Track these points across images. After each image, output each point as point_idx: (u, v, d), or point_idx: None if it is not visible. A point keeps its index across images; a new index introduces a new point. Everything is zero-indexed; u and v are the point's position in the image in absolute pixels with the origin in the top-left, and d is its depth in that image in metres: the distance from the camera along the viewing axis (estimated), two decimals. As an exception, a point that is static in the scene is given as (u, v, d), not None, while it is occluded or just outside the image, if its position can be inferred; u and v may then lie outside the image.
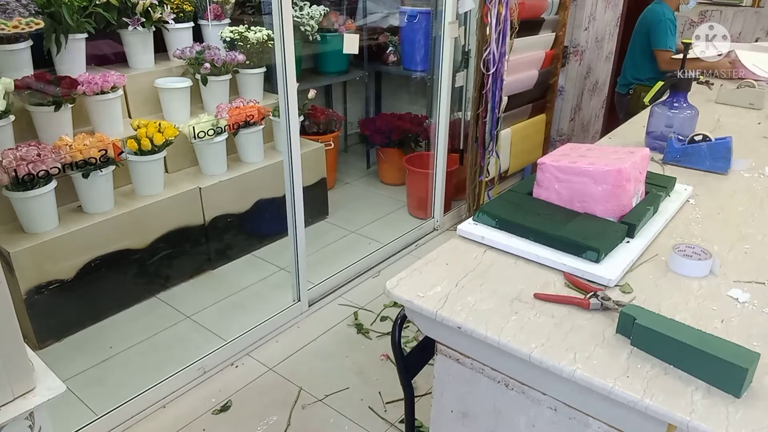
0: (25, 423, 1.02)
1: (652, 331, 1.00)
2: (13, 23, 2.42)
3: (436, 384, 1.28)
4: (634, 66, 3.67)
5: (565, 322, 1.10)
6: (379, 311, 2.79)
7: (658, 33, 3.38)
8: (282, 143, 2.53)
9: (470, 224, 1.44)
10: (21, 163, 2.25)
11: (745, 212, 1.58)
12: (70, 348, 2.47)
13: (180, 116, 2.98)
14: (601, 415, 1.03)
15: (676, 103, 2.04)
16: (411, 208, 3.76)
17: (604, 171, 1.38)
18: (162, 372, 2.27)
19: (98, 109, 2.67)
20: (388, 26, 4.22)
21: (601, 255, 1.26)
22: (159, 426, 2.14)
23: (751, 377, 0.93)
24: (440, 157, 3.44)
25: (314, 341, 2.60)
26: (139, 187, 2.76)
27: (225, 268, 3.08)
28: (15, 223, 2.42)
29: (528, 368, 1.06)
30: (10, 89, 2.36)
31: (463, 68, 3.45)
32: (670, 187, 1.62)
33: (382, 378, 2.38)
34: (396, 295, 1.21)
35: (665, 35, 3.34)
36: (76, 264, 2.48)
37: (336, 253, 3.25)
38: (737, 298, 1.18)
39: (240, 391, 2.31)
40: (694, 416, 0.89)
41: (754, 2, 4.33)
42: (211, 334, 2.58)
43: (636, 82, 3.63)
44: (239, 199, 3.09)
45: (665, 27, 3.34)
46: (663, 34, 3.35)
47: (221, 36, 3.21)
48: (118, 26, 2.83)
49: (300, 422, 2.17)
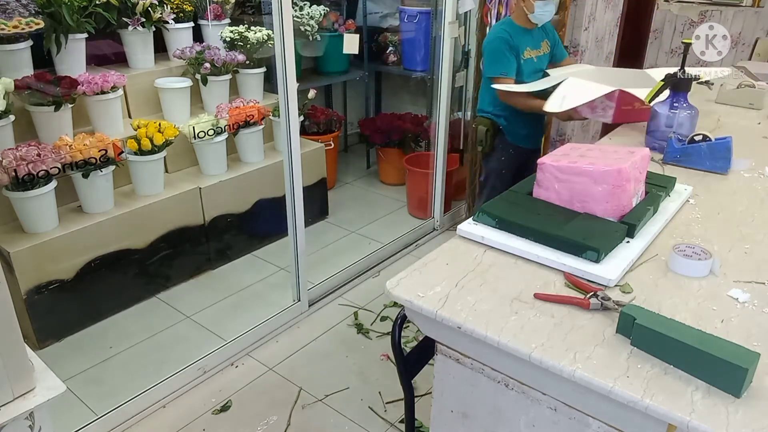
0: (25, 423, 1.02)
1: (652, 331, 1.00)
2: (13, 23, 2.42)
3: (436, 384, 1.28)
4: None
5: (565, 322, 1.10)
6: (379, 311, 2.79)
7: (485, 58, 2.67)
8: (282, 143, 2.53)
9: (470, 224, 1.44)
10: (21, 163, 2.25)
11: (745, 212, 1.58)
12: (70, 348, 2.47)
13: (180, 116, 2.98)
14: (601, 415, 1.02)
15: (676, 103, 2.04)
16: (411, 208, 3.76)
17: (604, 171, 1.38)
18: (162, 372, 2.27)
19: (98, 109, 2.67)
20: (388, 26, 4.22)
21: (601, 255, 1.26)
22: (159, 426, 2.14)
23: (751, 377, 0.93)
24: (440, 157, 3.44)
25: (314, 341, 2.60)
26: (139, 187, 2.76)
27: (225, 268, 3.08)
28: (15, 223, 2.42)
29: (528, 368, 1.06)
30: (10, 89, 2.36)
31: (463, 68, 3.45)
32: (670, 187, 1.62)
33: (382, 378, 2.38)
34: (396, 295, 1.21)
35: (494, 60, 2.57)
36: (76, 264, 2.48)
37: (336, 253, 3.25)
38: (737, 298, 1.18)
39: (240, 391, 2.31)
40: (694, 416, 0.89)
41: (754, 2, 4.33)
42: (211, 334, 2.58)
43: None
44: (239, 199, 3.09)
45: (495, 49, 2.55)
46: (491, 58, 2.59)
47: (221, 36, 3.21)
48: (118, 26, 2.83)
49: (300, 422, 2.17)
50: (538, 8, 2.49)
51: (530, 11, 2.51)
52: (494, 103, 2.68)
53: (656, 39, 4.71)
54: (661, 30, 4.67)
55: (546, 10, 2.52)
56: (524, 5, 2.53)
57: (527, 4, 2.51)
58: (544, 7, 2.50)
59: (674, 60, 4.66)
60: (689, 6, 4.49)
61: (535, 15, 2.52)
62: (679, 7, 4.56)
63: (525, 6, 2.53)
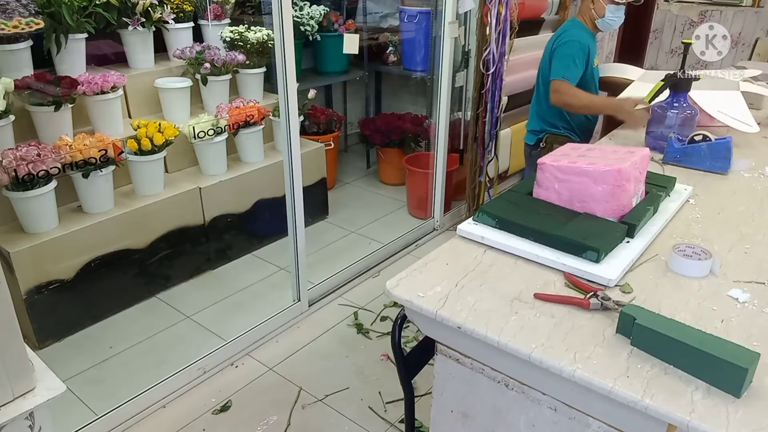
0: (25, 423, 1.02)
1: (652, 331, 1.00)
2: (13, 23, 2.42)
3: (436, 384, 1.28)
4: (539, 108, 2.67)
5: (565, 322, 1.10)
6: (379, 311, 2.79)
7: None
8: (282, 143, 2.53)
9: (470, 224, 1.44)
10: (21, 163, 2.25)
11: (745, 212, 1.58)
12: (70, 348, 2.47)
13: (180, 116, 2.98)
14: (601, 415, 1.02)
15: (676, 103, 2.04)
16: (411, 208, 3.76)
17: (604, 171, 1.38)
18: (162, 372, 2.27)
19: (98, 109, 2.67)
20: (388, 26, 4.22)
21: (601, 255, 1.26)
22: (159, 426, 2.14)
23: (751, 377, 0.93)
24: (440, 157, 3.44)
25: (314, 341, 2.60)
26: (139, 187, 2.75)
27: (225, 268, 3.08)
28: (15, 223, 2.42)
29: (528, 368, 1.06)
30: (10, 89, 2.36)
31: (463, 68, 3.45)
32: (670, 187, 1.62)
33: (382, 378, 2.38)
34: (396, 295, 1.21)
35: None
36: (76, 264, 2.48)
37: (336, 253, 3.25)
38: (737, 298, 1.18)
39: (240, 391, 2.31)
40: (694, 416, 0.89)
41: (754, 2, 4.32)
42: (211, 334, 2.58)
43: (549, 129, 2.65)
44: (239, 199, 3.09)
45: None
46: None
47: (221, 36, 3.21)
48: (118, 26, 2.83)
49: (300, 422, 2.17)
50: (609, 12, 2.33)
51: (600, 15, 2.35)
52: (559, 116, 2.54)
53: (656, 39, 4.71)
54: (661, 30, 4.67)
55: (617, 16, 2.37)
56: (593, 8, 2.37)
57: (597, 6, 2.35)
58: (616, 12, 2.34)
59: (674, 60, 4.65)
60: (689, 6, 4.49)
61: (605, 20, 2.38)
62: (679, 7, 4.56)
63: (594, 9, 2.37)
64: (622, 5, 2.30)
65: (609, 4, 2.28)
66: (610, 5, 2.28)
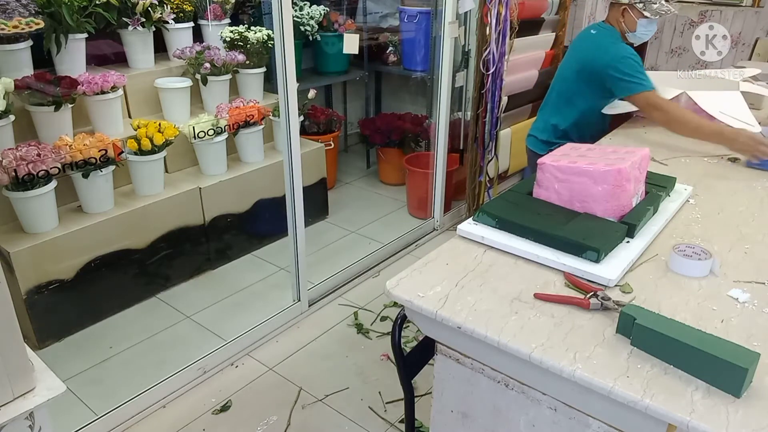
0: (25, 423, 1.02)
1: (652, 331, 1.00)
2: (13, 23, 2.42)
3: (436, 384, 1.28)
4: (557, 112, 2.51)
5: (565, 322, 1.10)
6: (379, 311, 2.79)
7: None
8: (282, 143, 2.53)
9: (470, 224, 1.44)
10: (21, 163, 2.25)
11: (745, 212, 1.58)
12: (70, 348, 2.47)
13: (180, 116, 2.98)
14: (601, 415, 1.03)
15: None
16: (411, 208, 3.76)
17: (604, 171, 1.38)
18: (162, 372, 2.27)
19: (98, 109, 2.67)
20: (388, 26, 4.22)
21: (601, 255, 1.26)
22: (159, 426, 2.14)
23: (751, 377, 0.93)
24: (440, 157, 3.44)
25: (314, 341, 2.60)
26: (139, 187, 2.75)
27: (225, 268, 3.08)
28: (15, 223, 2.42)
29: (528, 368, 1.06)
30: (10, 89, 2.36)
31: (463, 68, 3.45)
32: (670, 187, 1.62)
33: (382, 378, 2.38)
34: (396, 295, 1.21)
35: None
36: (76, 264, 2.48)
37: (336, 253, 3.24)
38: (737, 298, 1.18)
39: (240, 391, 2.31)
40: (694, 416, 0.89)
41: (754, 2, 4.32)
42: (211, 334, 2.58)
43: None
44: (239, 199, 3.09)
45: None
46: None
47: (221, 36, 3.21)
48: (118, 26, 2.83)
49: (300, 422, 2.17)
50: (640, 26, 2.21)
51: (631, 29, 2.23)
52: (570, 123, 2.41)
53: (656, 39, 4.70)
54: (661, 30, 4.67)
55: (649, 30, 2.24)
56: (623, 21, 2.24)
57: (628, 20, 2.22)
58: (648, 26, 2.22)
59: (674, 60, 4.65)
60: (689, 6, 4.49)
61: (636, 34, 2.24)
62: (679, 7, 4.55)
63: (625, 23, 2.24)
64: (655, 20, 2.19)
65: (641, 19, 2.18)
66: (641, 20, 2.18)
